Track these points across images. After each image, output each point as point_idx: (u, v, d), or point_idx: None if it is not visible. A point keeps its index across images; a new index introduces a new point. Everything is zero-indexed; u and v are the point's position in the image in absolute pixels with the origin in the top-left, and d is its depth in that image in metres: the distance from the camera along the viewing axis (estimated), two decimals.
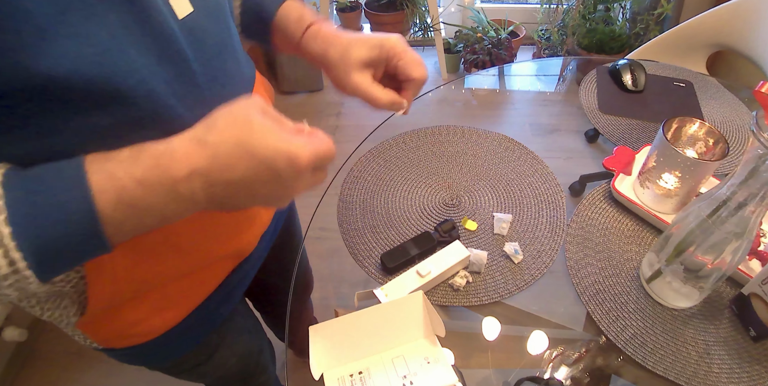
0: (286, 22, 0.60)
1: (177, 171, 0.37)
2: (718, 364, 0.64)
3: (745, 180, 0.54)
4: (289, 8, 0.60)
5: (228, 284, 0.66)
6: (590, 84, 1.14)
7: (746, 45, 1.46)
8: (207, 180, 0.38)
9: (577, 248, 0.78)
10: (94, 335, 0.57)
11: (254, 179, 0.39)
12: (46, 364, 1.65)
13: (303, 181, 0.42)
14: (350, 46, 0.56)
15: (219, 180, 0.38)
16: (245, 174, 0.39)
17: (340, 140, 2.36)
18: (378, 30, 2.58)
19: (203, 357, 0.74)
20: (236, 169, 0.38)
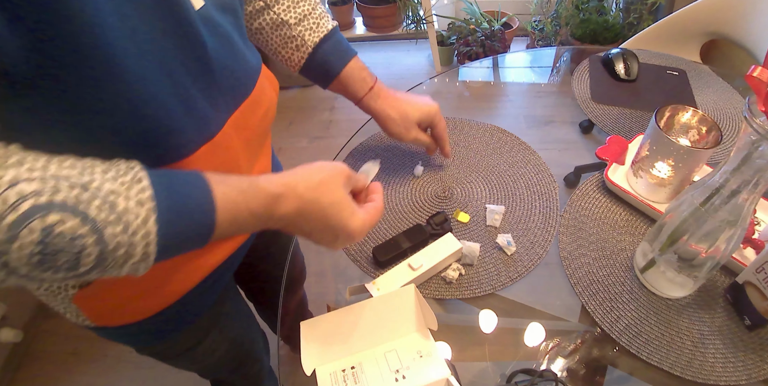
0: (349, 80, 0.76)
1: (276, 211, 0.48)
2: (713, 353, 0.64)
3: (738, 167, 0.53)
4: (353, 69, 0.75)
5: (221, 266, 0.67)
6: (583, 74, 1.13)
7: (740, 33, 1.45)
8: (290, 222, 0.51)
9: (571, 239, 0.77)
10: (89, 310, 0.57)
11: (317, 233, 0.53)
12: (42, 365, 1.65)
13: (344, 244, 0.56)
14: (408, 109, 0.78)
15: (297, 224, 0.51)
16: (314, 228, 0.52)
17: (333, 134, 2.35)
18: (370, 23, 2.56)
19: (194, 341, 0.73)
20: (310, 222, 0.51)
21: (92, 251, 0.36)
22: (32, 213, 0.33)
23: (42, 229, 0.34)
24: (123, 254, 0.38)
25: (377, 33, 2.60)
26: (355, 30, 2.65)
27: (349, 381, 0.58)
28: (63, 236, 0.35)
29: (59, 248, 0.35)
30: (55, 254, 0.35)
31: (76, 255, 0.36)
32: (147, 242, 0.39)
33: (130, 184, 0.39)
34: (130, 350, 1.73)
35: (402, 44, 2.91)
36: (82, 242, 0.36)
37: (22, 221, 0.33)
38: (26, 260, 0.34)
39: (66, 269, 0.36)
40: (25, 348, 1.67)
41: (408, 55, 2.85)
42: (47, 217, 0.34)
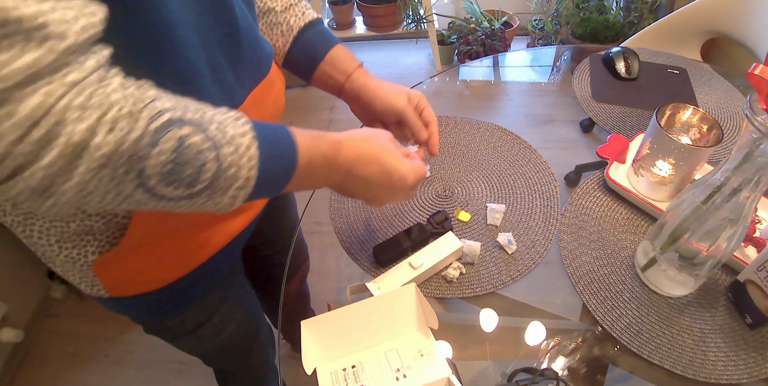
0: (336, 60, 0.75)
1: (340, 154, 0.53)
2: (714, 352, 0.64)
3: (739, 165, 0.53)
4: (339, 51, 0.75)
5: (234, 241, 0.69)
6: (583, 72, 1.13)
7: (740, 32, 1.45)
8: (349, 168, 0.55)
9: (571, 238, 0.77)
10: (105, 278, 0.58)
11: (374, 179, 0.57)
12: (42, 365, 1.65)
13: (402, 193, 0.61)
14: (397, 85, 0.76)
15: (354, 171, 0.55)
16: (371, 174, 0.56)
17: None
18: (371, 22, 2.56)
19: (203, 317, 0.74)
20: (367, 168, 0.56)
21: (211, 167, 0.41)
22: (170, 124, 0.37)
23: (178, 138, 0.38)
24: (232, 175, 0.42)
25: (377, 32, 2.59)
26: (355, 29, 2.65)
27: (349, 380, 0.58)
28: (191, 148, 0.39)
29: (187, 159, 0.39)
30: (183, 165, 0.39)
31: (198, 169, 0.40)
32: (251, 166, 0.44)
33: (233, 119, 0.44)
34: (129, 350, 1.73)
35: (402, 43, 2.91)
36: (204, 156, 0.40)
37: (163, 129, 0.37)
38: (160, 169, 0.38)
39: (186, 185, 0.40)
40: (25, 349, 1.67)
41: (408, 55, 2.84)
42: (181, 129, 0.38)
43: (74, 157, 0.34)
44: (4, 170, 0.33)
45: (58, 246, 0.54)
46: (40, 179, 0.34)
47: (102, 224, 0.53)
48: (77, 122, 0.33)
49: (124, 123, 0.35)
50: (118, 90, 0.35)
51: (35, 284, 1.75)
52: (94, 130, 0.34)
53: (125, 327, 1.70)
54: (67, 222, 0.52)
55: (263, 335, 0.95)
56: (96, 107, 0.34)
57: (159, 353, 1.63)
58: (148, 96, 0.37)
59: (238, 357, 0.92)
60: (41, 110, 0.32)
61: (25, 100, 0.31)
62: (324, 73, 0.75)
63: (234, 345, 0.86)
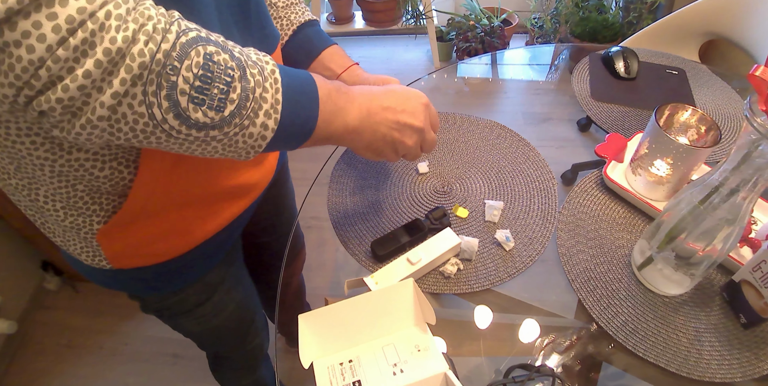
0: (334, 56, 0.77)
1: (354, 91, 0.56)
2: (708, 351, 0.64)
3: (737, 166, 0.53)
4: (336, 49, 0.78)
5: (237, 220, 0.70)
6: (583, 71, 1.13)
7: (739, 34, 1.46)
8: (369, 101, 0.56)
9: (569, 236, 0.78)
10: (108, 248, 0.58)
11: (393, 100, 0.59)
12: (36, 357, 1.64)
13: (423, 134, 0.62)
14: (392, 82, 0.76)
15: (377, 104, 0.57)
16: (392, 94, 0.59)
17: None
18: (370, 17, 2.55)
19: (203, 297, 0.75)
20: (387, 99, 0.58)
21: (237, 86, 0.41)
22: (198, 40, 0.39)
23: (205, 53, 0.39)
24: (259, 96, 0.43)
25: (376, 27, 2.59)
26: (354, 24, 2.64)
27: (346, 375, 0.58)
28: (219, 64, 0.40)
29: (216, 74, 0.40)
30: (212, 81, 0.40)
31: (227, 85, 0.41)
32: (276, 88, 0.45)
33: (254, 51, 0.46)
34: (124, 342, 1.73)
35: (401, 39, 2.90)
36: (231, 73, 0.41)
37: (192, 43, 0.38)
38: (191, 83, 0.39)
39: (215, 108, 0.41)
40: (19, 340, 1.66)
41: (407, 51, 2.84)
42: (208, 46, 0.40)
43: (112, 65, 0.35)
44: (39, 79, 0.33)
45: (63, 212, 0.54)
46: (75, 89, 0.34)
47: (109, 185, 0.52)
48: (118, 30, 0.34)
49: (159, 36, 0.36)
50: (151, 8, 0.37)
51: (29, 275, 1.74)
52: (134, 38, 0.35)
53: (120, 319, 1.70)
54: (74, 184, 0.51)
55: (259, 320, 0.96)
56: (135, 19, 0.35)
57: (154, 345, 1.63)
58: (176, 14, 0.39)
59: (233, 341, 0.93)
60: (83, 14, 0.32)
61: (68, 3, 0.32)
62: (321, 66, 0.77)
63: (231, 327, 0.86)
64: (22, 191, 0.53)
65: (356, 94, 0.55)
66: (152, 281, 0.67)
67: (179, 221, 0.61)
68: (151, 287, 0.69)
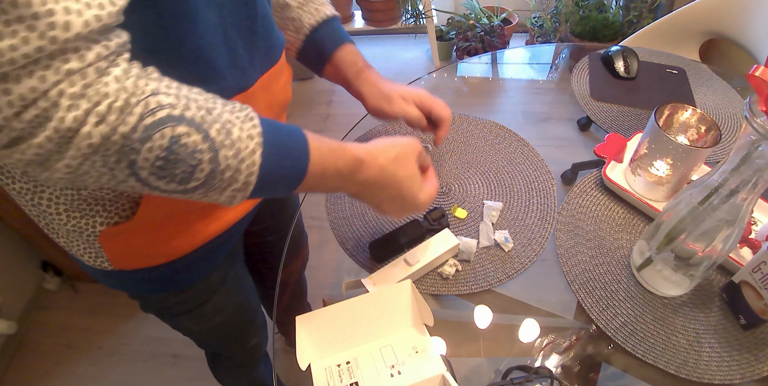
0: (343, 59, 0.77)
1: (358, 174, 0.53)
2: (708, 352, 0.64)
3: (737, 167, 0.53)
4: (346, 52, 0.77)
5: (238, 223, 0.70)
6: (582, 71, 1.13)
7: (739, 33, 1.45)
8: (366, 188, 0.56)
9: (568, 236, 0.77)
10: (111, 251, 0.59)
11: (389, 202, 0.58)
12: (36, 357, 1.64)
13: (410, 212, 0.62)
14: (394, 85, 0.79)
15: (372, 192, 0.56)
16: (387, 197, 0.58)
17: (330, 128, 2.34)
18: (369, 17, 2.55)
19: (204, 297, 0.75)
20: (385, 191, 0.57)
21: (205, 168, 0.41)
22: (166, 121, 0.37)
23: (171, 136, 0.38)
24: (229, 178, 0.42)
25: (376, 27, 2.58)
26: (353, 24, 2.64)
27: (344, 376, 0.58)
28: (186, 147, 0.39)
29: (181, 157, 0.39)
30: (176, 162, 0.39)
31: (192, 168, 0.40)
32: (251, 172, 0.43)
33: (245, 119, 0.44)
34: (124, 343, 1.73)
35: (401, 39, 2.90)
36: (200, 157, 0.40)
37: (157, 126, 0.37)
38: (151, 163, 0.38)
39: (178, 182, 0.40)
40: (18, 340, 1.66)
41: (407, 50, 2.83)
42: (177, 127, 0.38)
43: (64, 141, 0.35)
44: (2, 138, 0.34)
45: (66, 215, 0.54)
46: (34, 154, 0.35)
47: (113, 196, 0.54)
48: (68, 110, 0.34)
49: (114, 117, 0.35)
50: (115, 82, 0.35)
51: (29, 275, 1.74)
52: (84, 120, 0.34)
53: (119, 319, 1.70)
54: (78, 190, 0.52)
55: (258, 319, 0.96)
56: (88, 98, 0.34)
57: (153, 345, 1.63)
58: (147, 90, 0.37)
59: (233, 340, 0.93)
60: (35, 93, 0.33)
61: (22, 80, 0.32)
62: (333, 70, 0.78)
63: (230, 326, 0.86)
64: (25, 195, 0.53)
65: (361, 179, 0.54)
66: (154, 282, 0.67)
67: (182, 224, 0.61)
68: (153, 288, 0.69)
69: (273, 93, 0.66)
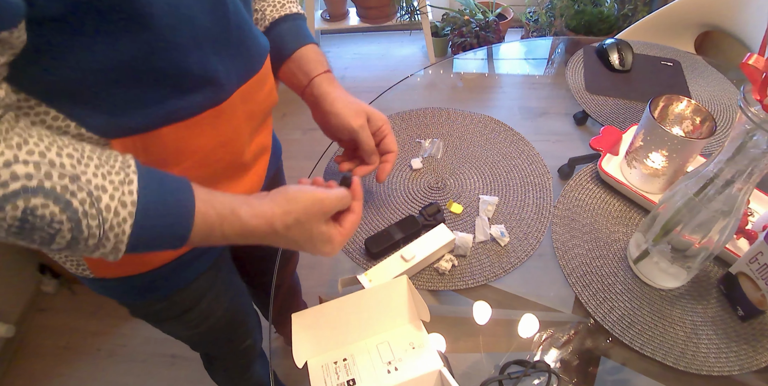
0: (303, 60, 0.70)
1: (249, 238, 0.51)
2: (705, 344, 0.64)
3: (732, 157, 0.53)
4: (309, 51, 0.71)
5: None
6: (577, 64, 1.12)
7: (734, 25, 1.45)
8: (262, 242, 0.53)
9: (564, 230, 0.77)
10: (90, 258, 0.58)
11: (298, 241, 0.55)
12: (34, 359, 1.64)
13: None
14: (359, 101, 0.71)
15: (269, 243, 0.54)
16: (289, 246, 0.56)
17: None
18: (364, 14, 2.54)
19: (190, 303, 0.74)
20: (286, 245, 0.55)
21: (66, 235, 0.40)
22: (19, 193, 0.37)
23: (25, 208, 0.37)
24: (94, 244, 0.42)
25: (371, 24, 2.57)
26: (348, 21, 2.63)
27: (341, 373, 0.58)
28: (43, 218, 0.38)
29: (37, 227, 0.39)
30: (32, 230, 0.39)
31: (51, 236, 0.40)
32: (119, 240, 0.42)
33: (119, 184, 0.42)
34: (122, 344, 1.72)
35: (396, 35, 2.89)
36: (58, 227, 0.39)
37: (9, 198, 0.36)
38: (5, 229, 0.38)
39: (39, 244, 0.41)
40: (17, 343, 1.66)
41: (402, 47, 2.83)
42: (32, 199, 0.37)
43: None
44: None
45: None
46: None
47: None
48: None
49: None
50: None
51: (26, 278, 1.74)
52: None
53: (118, 320, 1.69)
54: None
55: (250, 322, 0.95)
56: None
57: (151, 346, 1.63)
58: (2, 161, 0.36)
59: (224, 343, 0.92)
60: None
61: None
62: (289, 71, 0.72)
63: (220, 330, 0.86)
64: None
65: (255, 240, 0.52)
66: (136, 290, 0.67)
67: None
68: (136, 295, 0.68)
69: (255, 102, 0.64)
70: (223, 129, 0.58)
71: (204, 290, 0.74)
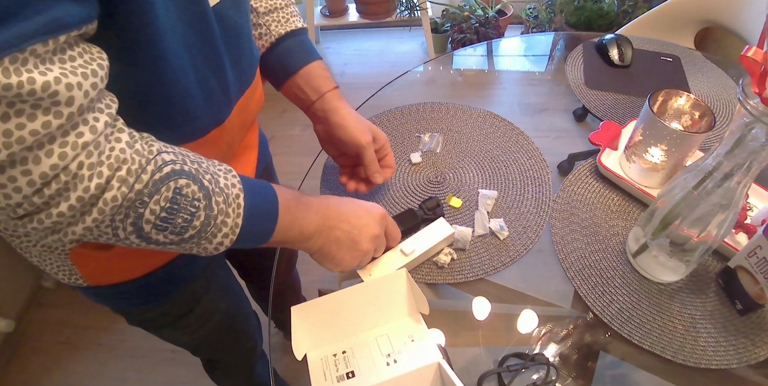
0: (311, 76, 0.72)
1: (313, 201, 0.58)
2: (704, 337, 0.64)
3: (731, 150, 0.53)
4: (315, 68, 0.73)
5: None
6: (577, 59, 1.12)
7: (734, 21, 1.45)
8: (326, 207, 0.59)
9: (563, 224, 0.77)
10: (83, 267, 0.59)
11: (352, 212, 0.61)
12: (34, 355, 1.64)
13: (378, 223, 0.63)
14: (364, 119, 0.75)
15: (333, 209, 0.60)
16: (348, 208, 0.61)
17: None
18: (364, 10, 2.54)
19: (186, 308, 0.74)
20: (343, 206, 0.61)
21: (201, 214, 0.45)
22: (171, 175, 0.42)
23: (175, 188, 0.42)
24: (221, 222, 0.47)
25: (370, 20, 2.57)
26: (348, 17, 2.63)
27: (340, 366, 0.58)
28: (187, 196, 0.43)
29: (182, 206, 0.43)
30: (177, 212, 0.43)
31: (191, 216, 0.44)
32: (238, 214, 0.48)
33: (225, 171, 0.49)
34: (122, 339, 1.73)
35: (396, 31, 2.89)
36: (197, 204, 0.44)
37: (164, 180, 0.42)
38: (156, 216, 0.42)
39: (177, 233, 0.44)
40: (17, 338, 1.66)
41: (402, 43, 2.82)
42: (179, 180, 0.43)
43: (86, 208, 0.38)
44: (19, 212, 0.37)
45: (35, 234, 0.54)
46: (52, 222, 0.37)
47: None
48: (91, 179, 0.37)
49: (132, 178, 0.39)
50: (128, 147, 0.39)
51: (26, 273, 1.74)
52: (108, 185, 0.38)
53: (118, 316, 1.69)
54: None
55: (250, 325, 0.95)
56: (110, 165, 0.38)
57: (152, 341, 1.61)
58: (154, 149, 0.42)
59: (223, 347, 0.92)
60: (55, 171, 0.35)
61: (41, 161, 0.34)
62: (296, 86, 0.73)
63: (219, 335, 0.85)
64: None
65: (314, 202, 0.58)
66: (132, 296, 0.67)
67: None
68: (131, 301, 0.68)
69: (248, 111, 0.66)
70: (223, 142, 0.62)
71: (200, 294, 0.74)
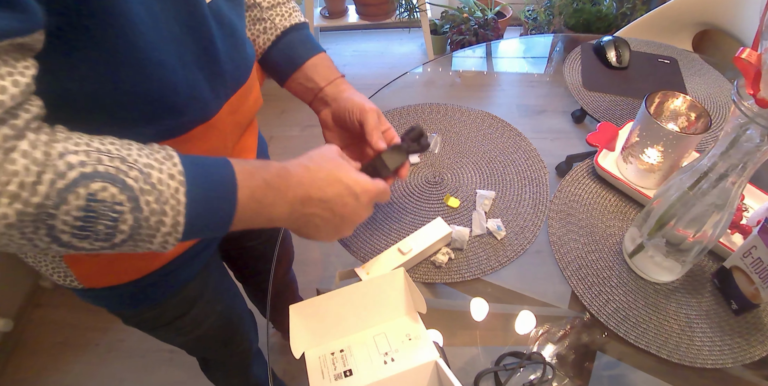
0: (318, 67, 0.70)
1: (291, 181, 0.50)
2: (700, 337, 0.64)
3: (726, 150, 0.53)
4: (322, 59, 0.71)
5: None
6: (575, 61, 1.13)
7: (732, 24, 1.45)
8: (306, 193, 0.51)
9: (560, 224, 0.78)
10: (78, 270, 0.58)
11: (338, 199, 0.53)
12: (32, 355, 1.64)
13: (366, 209, 0.57)
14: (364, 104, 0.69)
15: (315, 196, 0.52)
16: (334, 194, 0.53)
17: None
18: (363, 11, 2.54)
19: (182, 310, 0.74)
20: (328, 190, 0.52)
21: (128, 218, 0.40)
22: (78, 181, 0.37)
23: (87, 194, 0.37)
24: (156, 223, 0.41)
25: (370, 21, 2.58)
26: (347, 18, 2.63)
27: (338, 364, 0.58)
28: (104, 202, 0.38)
29: (101, 213, 0.38)
30: (96, 219, 0.38)
31: (114, 222, 0.39)
32: (177, 211, 0.42)
33: (163, 160, 0.43)
34: (120, 339, 1.72)
35: (395, 33, 2.90)
36: (120, 209, 0.39)
37: (70, 187, 0.36)
38: (71, 225, 0.37)
39: (103, 239, 0.40)
40: (15, 338, 1.66)
41: (401, 44, 2.83)
42: (91, 184, 0.37)
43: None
44: None
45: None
46: None
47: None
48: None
49: (26, 193, 0.35)
50: (22, 157, 0.35)
51: (24, 273, 1.74)
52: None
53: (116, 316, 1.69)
54: None
55: (245, 325, 0.95)
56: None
57: (150, 342, 1.61)
58: (54, 154, 0.36)
59: (219, 347, 0.92)
60: None
61: None
62: (303, 77, 0.71)
63: (214, 335, 0.85)
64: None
65: (292, 184, 0.51)
66: (128, 298, 0.67)
67: None
68: (127, 304, 0.68)
69: (241, 112, 0.64)
70: (211, 141, 0.59)
71: (195, 296, 0.74)
